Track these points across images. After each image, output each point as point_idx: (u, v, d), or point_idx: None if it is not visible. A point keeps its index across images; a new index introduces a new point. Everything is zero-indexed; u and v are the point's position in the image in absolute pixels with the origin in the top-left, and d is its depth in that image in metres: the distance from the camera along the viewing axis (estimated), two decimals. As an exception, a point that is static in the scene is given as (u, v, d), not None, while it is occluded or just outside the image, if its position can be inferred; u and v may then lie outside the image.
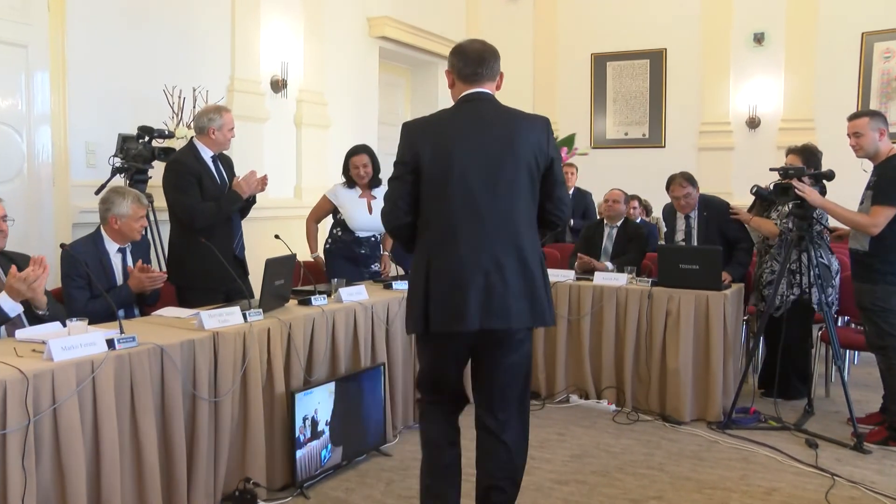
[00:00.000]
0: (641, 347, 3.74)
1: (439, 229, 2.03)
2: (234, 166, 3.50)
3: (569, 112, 7.64)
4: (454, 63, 2.12)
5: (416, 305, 2.04)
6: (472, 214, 2.01)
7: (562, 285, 3.95)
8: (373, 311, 3.23)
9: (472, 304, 1.98)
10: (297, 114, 5.35)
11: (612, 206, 4.54)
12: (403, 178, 2.06)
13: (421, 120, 2.13)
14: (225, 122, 3.29)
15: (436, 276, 2.01)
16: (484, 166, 2.02)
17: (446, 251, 2.01)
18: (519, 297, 2.01)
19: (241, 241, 3.44)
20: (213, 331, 2.47)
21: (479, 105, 2.10)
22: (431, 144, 2.04)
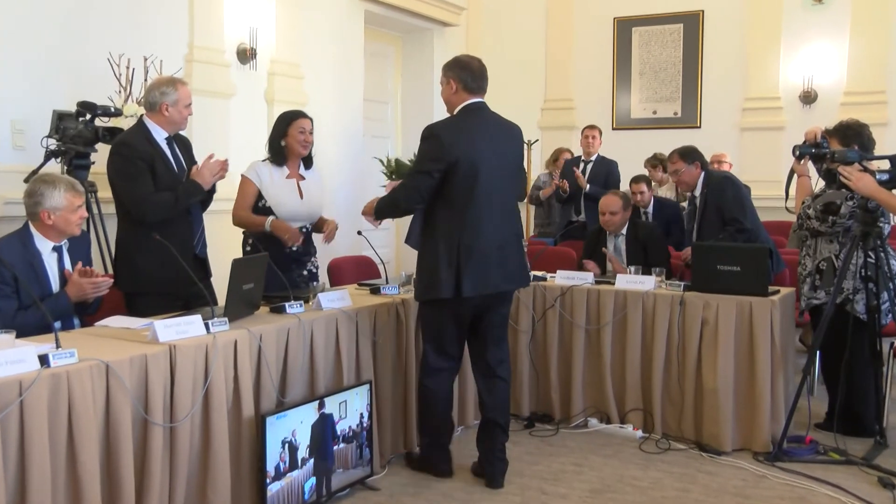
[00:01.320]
0: (672, 363, 3.73)
1: (467, 217, 3.03)
2: (192, 149, 3.48)
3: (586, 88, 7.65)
4: (460, 76, 3.09)
5: (446, 275, 3.01)
6: (490, 206, 3.07)
7: (578, 290, 3.95)
8: (357, 320, 3.23)
9: (494, 272, 3.08)
10: (268, 89, 5.33)
11: (608, 219, 4.49)
12: (433, 174, 3.01)
13: (452, 126, 3.07)
14: (180, 96, 3.27)
15: (466, 252, 3.02)
16: (497, 167, 3.09)
17: (475, 234, 3.03)
18: (519, 266, 3.19)
19: (203, 238, 3.43)
20: (168, 344, 2.46)
21: (485, 114, 3.14)
22: (464, 151, 3.01)
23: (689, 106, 7.17)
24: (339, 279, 4.34)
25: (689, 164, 4.31)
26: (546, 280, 4.12)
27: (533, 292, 4.05)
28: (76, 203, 2.85)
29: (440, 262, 3.02)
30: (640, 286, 3.85)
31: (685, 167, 4.31)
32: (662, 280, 3.97)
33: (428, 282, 3.06)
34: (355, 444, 3.07)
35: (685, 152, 4.35)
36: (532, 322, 4.05)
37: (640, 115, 7.38)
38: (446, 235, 3.03)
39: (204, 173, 3.29)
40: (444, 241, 3.03)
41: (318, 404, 2.88)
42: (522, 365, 4.07)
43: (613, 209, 4.49)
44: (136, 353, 2.34)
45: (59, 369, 2.13)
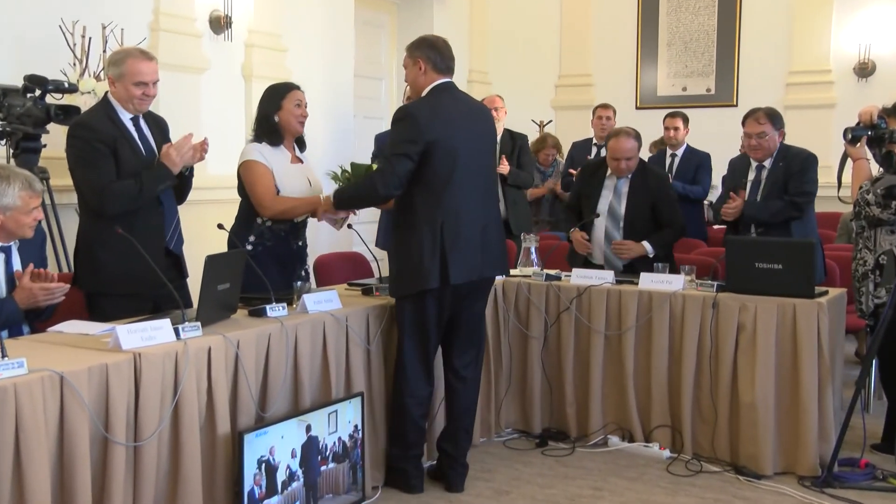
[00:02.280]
0: (704, 373, 3.72)
1: (449, 200, 3.16)
2: (168, 130, 3.45)
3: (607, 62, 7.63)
4: (429, 55, 3.24)
5: (431, 262, 3.13)
6: (471, 188, 3.23)
7: (597, 291, 3.93)
8: (348, 324, 3.22)
9: (479, 257, 3.23)
10: (245, 63, 5.31)
11: (622, 166, 4.33)
12: (411, 157, 3.13)
13: (426, 106, 3.20)
14: (126, 71, 3.17)
15: (451, 236, 3.15)
16: (474, 148, 3.27)
17: (458, 217, 3.17)
18: (501, 252, 3.41)
19: (178, 232, 3.41)
20: (133, 352, 2.44)
21: (456, 94, 3.32)
22: (441, 131, 3.15)
23: (724, 81, 7.15)
24: (327, 278, 4.32)
25: (776, 129, 4.20)
26: (560, 279, 4.11)
27: (546, 293, 4.04)
28: (32, 204, 2.82)
29: (424, 249, 3.14)
30: (667, 286, 3.83)
31: (772, 131, 4.19)
32: (693, 279, 3.95)
33: (412, 272, 3.17)
34: (347, 465, 3.06)
35: (774, 114, 4.24)
36: (545, 327, 4.04)
37: (667, 93, 7.36)
38: (428, 221, 3.15)
39: (171, 154, 3.23)
40: (426, 226, 3.15)
41: (302, 420, 2.86)
42: (534, 375, 4.06)
43: (629, 154, 4.34)
44: (95, 363, 2.33)
45: (5, 381, 2.11)
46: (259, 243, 3.53)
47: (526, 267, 4.23)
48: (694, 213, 5.75)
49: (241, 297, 3.09)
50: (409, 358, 3.30)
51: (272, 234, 3.54)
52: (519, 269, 4.26)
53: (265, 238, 3.53)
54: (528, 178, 5.69)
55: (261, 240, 3.53)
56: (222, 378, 2.68)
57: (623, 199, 4.40)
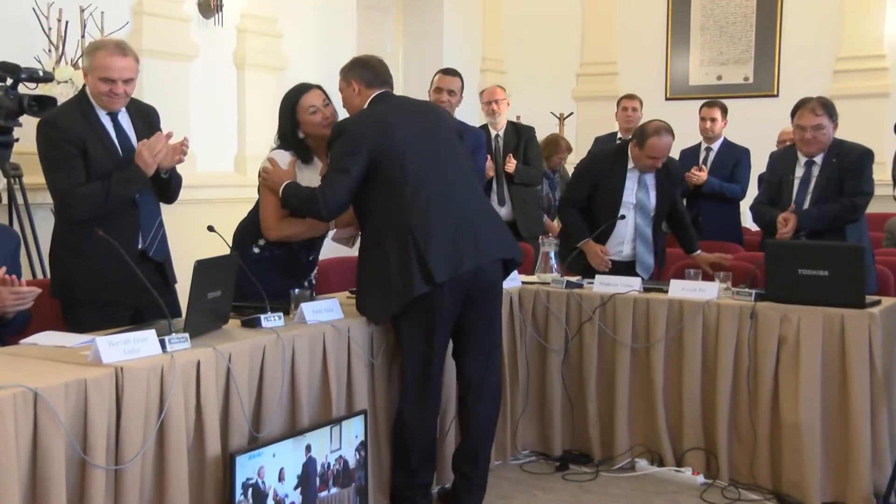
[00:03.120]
0: (742, 391, 3.70)
1: (409, 204, 3.19)
2: (158, 121, 3.43)
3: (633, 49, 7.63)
4: (361, 74, 3.40)
5: (409, 269, 3.14)
6: (432, 187, 3.24)
7: (622, 299, 3.93)
8: (350, 336, 3.22)
9: (464, 250, 3.21)
10: (237, 50, 5.33)
11: (656, 165, 4.43)
12: (350, 171, 3.20)
13: (361, 117, 3.33)
14: (95, 64, 3.15)
15: (422, 235, 3.16)
16: (426, 144, 3.32)
17: (423, 216, 3.19)
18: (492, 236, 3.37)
19: (160, 237, 3.41)
20: (114, 366, 2.44)
21: (394, 98, 3.45)
22: (381, 137, 3.23)
23: (763, 69, 7.13)
24: (326, 285, 4.31)
25: (832, 122, 4.19)
26: (582, 287, 4.10)
27: (566, 302, 4.04)
28: None
29: (400, 259, 3.17)
30: (700, 294, 3.82)
31: (829, 123, 4.17)
32: (728, 286, 3.93)
33: (392, 288, 3.18)
34: (350, 490, 3.04)
35: (829, 104, 4.21)
36: (565, 339, 4.03)
37: (700, 82, 7.36)
38: (393, 229, 3.20)
39: (143, 154, 3.20)
40: (391, 236, 3.19)
41: (300, 440, 2.85)
42: (553, 392, 4.05)
43: (669, 152, 4.46)
44: (72, 378, 2.32)
45: (-27, 398, 2.11)
46: (268, 249, 3.53)
47: (544, 273, 4.22)
48: (730, 214, 5.72)
49: (234, 305, 3.09)
50: (412, 377, 3.28)
51: (283, 244, 3.54)
52: (537, 275, 4.25)
53: (276, 245, 3.52)
54: (536, 174, 5.66)
55: (270, 246, 3.52)
56: (212, 394, 2.67)
57: (651, 192, 4.49)
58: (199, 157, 4.87)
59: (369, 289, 3.27)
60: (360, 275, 3.33)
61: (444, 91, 4.82)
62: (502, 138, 5.64)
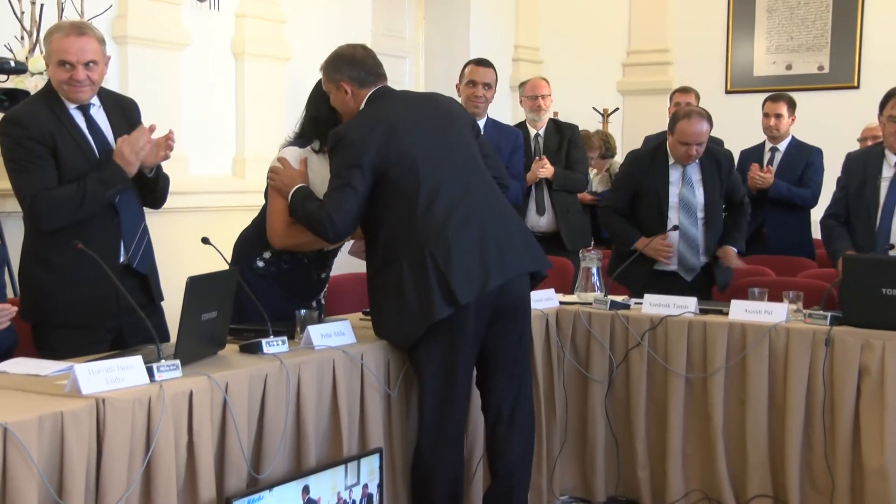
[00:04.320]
0: (815, 429, 3.67)
1: (424, 220, 3.18)
2: (139, 115, 3.46)
3: (689, 34, 7.60)
4: (351, 74, 3.33)
5: (426, 292, 3.12)
6: (449, 197, 3.22)
7: (675, 323, 3.91)
8: (363, 363, 3.22)
9: (490, 265, 3.18)
10: (235, 37, 5.36)
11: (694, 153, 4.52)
12: (356, 187, 3.18)
13: (361, 121, 3.28)
14: (51, 48, 3.14)
15: (442, 254, 3.14)
16: (438, 146, 3.29)
17: (441, 235, 3.16)
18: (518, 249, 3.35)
19: (145, 245, 3.42)
20: (95, 397, 2.44)
21: (394, 94, 3.41)
22: (387, 143, 3.20)
23: (841, 57, 7.07)
24: (337, 305, 4.33)
25: None
26: (629, 307, 4.09)
27: (611, 325, 4.02)
28: None
29: (417, 279, 3.16)
30: (766, 317, 3.78)
31: None
32: (798, 308, 3.90)
33: (410, 312, 3.17)
34: (358, 541, 3.04)
35: None
36: (609, 367, 4.02)
37: (767, 72, 7.31)
38: (408, 245, 3.19)
39: (123, 151, 3.18)
40: (407, 253, 3.19)
41: (305, 483, 2.84)
42: (596, 428, 4.04)
43: (703, 139, 4.51)
44: (47, 411, 2.32)
45: (-64, 433, 2.13)
46: (274, 263, 3.55)
47: (586, 292, 4.20)
48: (799, 224, 5.68)
49: (232, 328, 3.11)
50: (431, 409, 3.28)
51: (292, 258, 3.55)
52: (577, 294, 4.24)
53: (283, 259, 3.55)
54: (580, 179, 5.66)
55: (277, 259, 3.55)
56: (206, 430, 2.67)
57: (698, 188, 4.55)
58: (191, 160, 4.89)
59: (387, 313, 3.28)
60: (372, 298, 3.35)
61: (479, 84, 4.84)
62: (542, 138, 5.64)
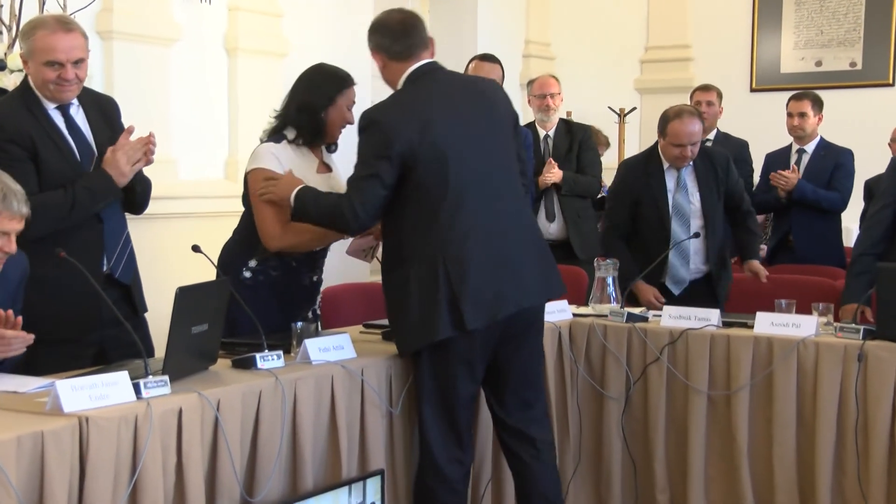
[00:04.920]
0: (848, 450, 3.66)
1: (447, 223, 3.13)
2: (119, 117, 3.48)
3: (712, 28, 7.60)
4: (381, 44, 3.27)
5: (435, 307, 3.09)
6: (476, 201, 3.18)
7: (696, 336, 3.90)
8: (364, 379, 3.22)
9: (505, 288, 3.17)
10: (229, 32, 5.37)
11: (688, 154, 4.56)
12: (383, 178, 3.12)
13: (395, 105, 3.24)
14: (35, 47, 3.14)
15: (458, 269, 3.10)
16: (475, 145, 3.21)
17: (462, 243, 3.13)
18: (539, 273, 3.34)
19: (127, 255, 3.44)
20: (78, 415, 2.44)
21: (438, 76, 3.32)
22: (420, 133, 3.12)
23: (875, 53, 7.07)
24: (335, 317, 4.33)
25: None
26: (647, 320, 4.08)
27: (627, 339, 4.02)
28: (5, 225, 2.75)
29: (425, 292, 3.14)
30: (794, 331, 3.78)
31: None
32: (829, 322, 3.89)
33: (413, 321, 3.18)
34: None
35: None
36: (626, 384, 4.01)
37: (794, 69, 7.31)
38: (423, 253, 3.17)
39: (118, 161, 3.21)
40: (419, 261, 3.17)
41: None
42: (612, 449, 4.04)
43: (696, 139, 4.55)
44: (26, 431, 2.32)
45: None
46: (261, 271, 3.57)
47: (601, 303, 4.20)
48: (828, 230, 5.68)
49: (223, 342, 3.11)
50: (432, 427, 3.27)
51: (280, 263, 3.58)
52: (591, 306, 4.24)
53: (270, 266, 3.57)
54: (591, 183, 5.68)
55: (264, 266, 3.57)
56: (196, 450, 2.67)
57: (693, 193, 4.62)
58: (181, 162, 4.89)
59: (390, 311, 3.32)
60: (384, 292, 3.36)
61: None
62: (552, 139, 5.64)
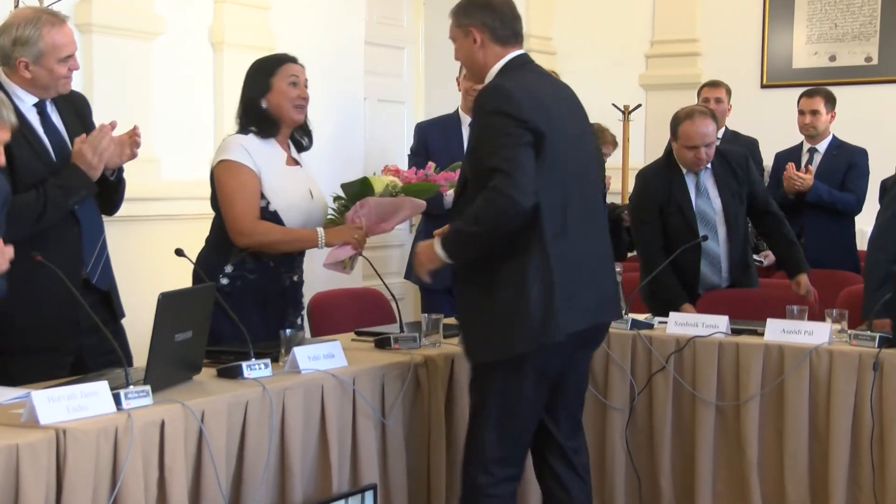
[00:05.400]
0: (863, 463, 3.66)
1: (555, 217, 3.07)
2: (91, 114, 3.50)
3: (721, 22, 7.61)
4: (486, 21, 3.17)
5: (538, 307, 3.02)
6: (577, 199, 3.16)
7: (703, 344, 3.91)
8: (356, 389, 3.22)
9: (593, 296, 3.20)
10: (214, 25, 5.37)
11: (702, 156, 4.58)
12: (526, 145, 3.02)
13: (519, 85, 3.11)
14: (47, 46, 3.19)
15: (563, 268, 3.06)
16: (576, 144, 3.20)
17: (566, 240, 3.10)
18: (614, 288, 3.44)
19: (104, 259, 3.44)
20: (55, 427, 2.44)
21: (539, 69, 3.31)
22: (544, 123, 3.05)
23: (892, 47, 7.06)
24: (325, 324, 4.34)
25: None
26: (652, 327, 4.09)
27: (632, 347, 4.02)
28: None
29: (529, 291, 3.05)
30: (807, 338, 3.78)
31: None
32: (843, 329, 3.89)
33: (507, 325, 3.07)
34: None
35: None
36: (630, 394, 4.02)
37: (807, 64, 7.31)
38: (529, 248, 3.07)
39: (85, 153, 3.21)
40: (524, 256, 3.07)
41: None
42: (615, 462, 4.03)
43: (709, 140, 4.57)
44: (0, 443, 2.32)
45: None
46: (238, 276, 3.58)
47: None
48: (842, 233, 5.69)
49: (209, 350, 3.11)
50: (492, 445, 3.18)
51: (257, 265, 3.59)
52: (595, 312, 4.24)
53: (247, 269, 3.58)
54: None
55: (241, 271, 3.58)
56: (180, 463, 2.67)
57: (714, 196, 4.65)
58: (164, 162, 4.88)
59: (480, 313, 3.17)
60: (470, 292, 3.22)
61: None
62: None
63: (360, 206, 3.67)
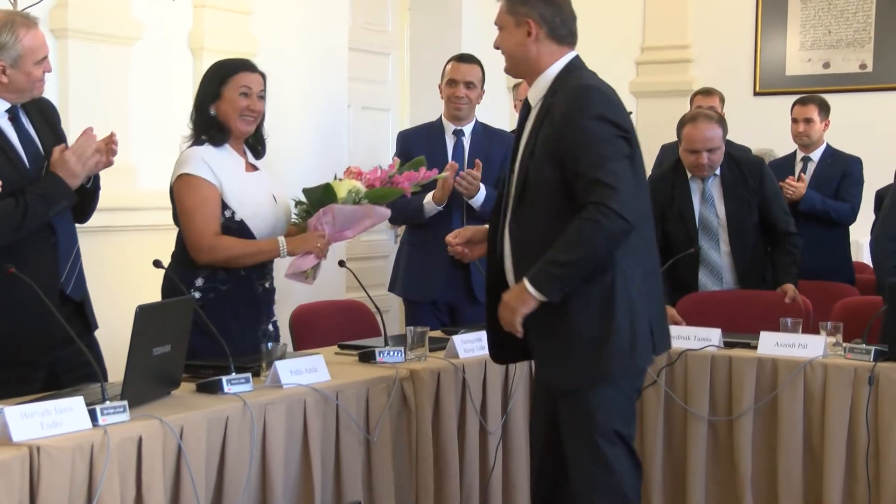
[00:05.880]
0: (859, 479, 3.68)
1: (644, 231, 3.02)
2: (59, 121, 3.50)
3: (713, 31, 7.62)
4: (545, 15, 3.01)
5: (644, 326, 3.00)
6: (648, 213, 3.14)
7: (695, 357, 3.93)
8: (339, 404, 3.23)
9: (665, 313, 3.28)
10: (194, 30, 5.37)
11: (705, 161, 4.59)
12: (627, 157, 2.95)
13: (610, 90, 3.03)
14: (25, 49, 3.20)
15: (652, 286, 3.09)
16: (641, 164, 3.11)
17: (652, 255, 3.14)
18: None
19: (78, 269, 3.44)
20: (28, 444, 2.44)
21: (596, 76, 3.11)
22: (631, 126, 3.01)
23: (887, 54, 7.09)
24: (308, 338, 4.34)
25: None
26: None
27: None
28: None
29: (635, 307, 2.99)
30: (801, 351, 3.80)
31: None
32: (838, 342, 3.92)
33: (622, 345, 2.96)
34: None
35: None
36: (622, 409, 4.02)
37: (800, 71, 7.33)
38: (624, 265, 2.98)
39: (68, 161, 3.21)
40: (621, 273, 2.97)
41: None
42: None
43: (713, 144, 4.56)
44: (-27, 461, 2.34)
45: None
46: (210, 288, 3.59)
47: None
48: (836, 243, 5.70)
49: (188, 364, 3.11)
50: (629, 473, 3.06)
51: (228, 275, 3.61)
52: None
53: (218, 280, 3.60)
54: None
55: (212, 283, 3.59)
56: (158, 481, 2.67)
57: (719, 204, 4.65)
58: (141, 170, 4.87)
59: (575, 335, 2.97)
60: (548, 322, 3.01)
61: (459, 84, 4.86)
62: None
63: (324, 213, 3.66)
